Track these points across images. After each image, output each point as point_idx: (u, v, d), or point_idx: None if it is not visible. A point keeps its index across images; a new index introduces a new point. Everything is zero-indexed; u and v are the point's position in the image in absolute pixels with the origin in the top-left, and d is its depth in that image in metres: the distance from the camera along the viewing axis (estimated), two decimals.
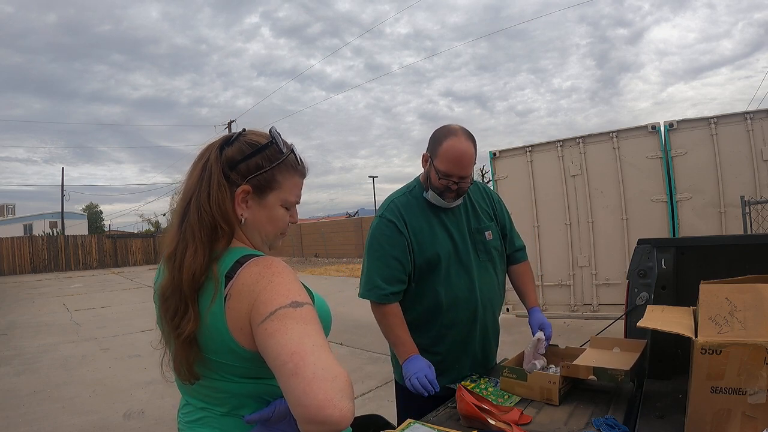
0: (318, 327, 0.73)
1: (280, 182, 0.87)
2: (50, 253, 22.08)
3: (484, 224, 1.61)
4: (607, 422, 1.14)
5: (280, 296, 0.74)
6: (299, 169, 0.91)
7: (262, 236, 0.90)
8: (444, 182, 1.46)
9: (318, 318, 0.75)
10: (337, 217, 28.71)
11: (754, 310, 0.95)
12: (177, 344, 0.79)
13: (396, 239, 1.51)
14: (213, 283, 0.78)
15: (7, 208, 36.59)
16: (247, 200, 0.86)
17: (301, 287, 0.78)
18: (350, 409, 0.66)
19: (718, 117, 4.51)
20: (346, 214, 29.75)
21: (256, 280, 0.76)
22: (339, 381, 0.66)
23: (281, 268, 0.79)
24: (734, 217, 4.35)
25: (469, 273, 1.54)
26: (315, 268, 15.71)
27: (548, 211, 5.39)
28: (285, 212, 0.91)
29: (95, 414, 3.61)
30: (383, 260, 1.51)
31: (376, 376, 4.23)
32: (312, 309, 0.75)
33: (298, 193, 0.92)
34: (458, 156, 1.43)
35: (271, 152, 0.87)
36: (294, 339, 0.69)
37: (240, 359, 0.78)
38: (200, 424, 0.85)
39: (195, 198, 0.84)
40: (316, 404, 0.64)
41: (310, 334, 0.70)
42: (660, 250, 1.60)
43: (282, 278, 0.77)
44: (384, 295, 1.50)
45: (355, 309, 7.70)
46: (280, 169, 0.87)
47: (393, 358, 1.66)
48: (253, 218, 0.87)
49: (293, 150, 0.89)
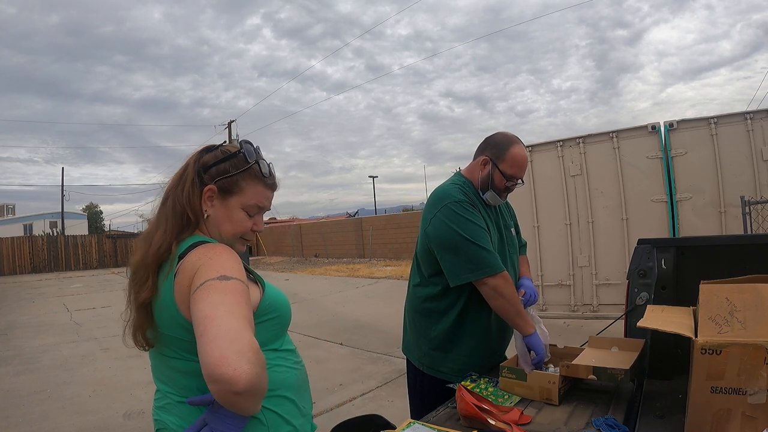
0: (239, 298, 0.80)
1: (242, 187, 1.00)
2: (50, 253, 22.07)
3: (509, 222, 1.79)
4: (607, 422, 1.14)
5: (212, 271, 0.83)
6: (264, 179, 1.02)
7: (221, 233, 1.00)
8: (509, 183, 1.63)
9: (244, 292, 0.82)
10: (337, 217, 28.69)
11: (754, 310, 0.96)
12: (134, 310, 0.91)
13: (481, 219, 1.57)
14: (170, 261, 0.91)
15: (7, 208, 36.59)
16: (213, 199, 0.99)
17: (236, 267, 0.87)
18: (247, 372, 0.69)
19: (718, 117, 4.51)
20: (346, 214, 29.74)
21: (198, 258, 0.88)
22: (238, 342, 0.71)
23: (222, 250, 0.90)
24: (734, 217, 4.34)
25: (506, 264, 1.64)
26: (315, 268, 15.70)
27: (548, 211, 5.39)
28: (245, 216, 1.01)
29: (95, 414, 3.61)
30: (483, 236, 1.53)
31: (376, 376, 4.23)
32: (240, 284, 0.83)
33: (260, 200, 1.02)
34: (524, 161, 1.63)
35: (238, 161, 1.00)
36: (210, 305, 0.77)
37: (187, 333, 0.84)
38: (165, 411, 0.93)
39: (173, 192, 0.99)
40: (213, 362, 0.68)
41: (225, 303, 0.77)
42: (660, 250, 1.60)
43: (220, 258, 0.87)
44: (498, 262, 1.52)
45: (355, 309, 7.70)
46: (244, 175, 0.99)
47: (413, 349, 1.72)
48: (216, 215, 1.00)
49: (258, 161, 1.01)
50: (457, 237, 1.51)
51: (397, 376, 4.15)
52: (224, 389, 0.68)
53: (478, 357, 1.61)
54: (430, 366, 1.65)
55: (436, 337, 1.63)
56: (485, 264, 1.49)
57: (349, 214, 29.74)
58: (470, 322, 1.60)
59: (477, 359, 1.60)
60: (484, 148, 1.66)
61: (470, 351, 1.60)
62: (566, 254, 5.26)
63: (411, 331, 1.74)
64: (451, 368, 1.60)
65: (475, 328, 1.60)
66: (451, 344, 1.61)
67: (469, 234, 1.50)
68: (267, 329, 0.97)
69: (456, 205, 1.54)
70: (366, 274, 12.85)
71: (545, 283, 5.38)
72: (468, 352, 1.60)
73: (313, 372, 4.59)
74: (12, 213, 36.42)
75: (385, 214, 24.87)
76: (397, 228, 17.22)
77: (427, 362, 1.65)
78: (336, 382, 4.12)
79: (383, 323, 6.37)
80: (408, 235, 16.38)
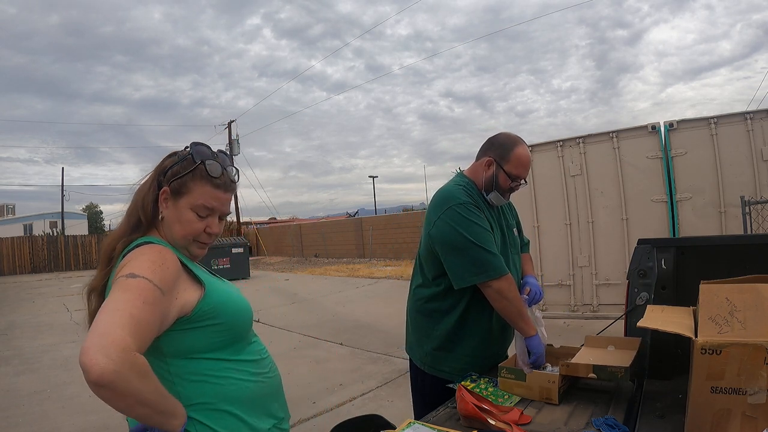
0: (135, 296, 0.82)
1: (190, 188, 1.01)
2: (50, 253, 22.06)
3: (512, 222, 1.79)
4: (607, 422, 1.14)
5: (126, 269, 0.87)
6: (213, 180, 1.02)
7: (173, 235, 1.02)
8: (513, 184, 1.63)
9: (145, 290, 0.83)
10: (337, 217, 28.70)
11: (754, 310, 0.96)
12: (86, 297, 0.98)
13: (485, 221, 1.57)
14: (116, 259, 0.96)
15: (7, 208, 36.58)
16: (167, 200, 1.01)
17: (153, 267, 0.88)
18: (101, 365, 0.71)
19: (718, 117, 4.50)
20: (346, 214, 29.74)
21: (128, 257, 0.92)
22: (105, 337, 0.74)
23: (151, 251, 0.93)
24: (734, 217, 4.34)
25: (508, 264, 1.64)
26: (315, 268, 15.70)
27: (548, 211, 5.39)
28: (194, 217, 1.01)
29: (95, 414, 3.60)
30: (488, 239, 1.52)
31: (376, 376, 4.23)
32: (145, 282, 0.84)
33: (208, 201, 1.02)
34: (528, 161, 1.64)
35: (187, 162, 1.02)
36: (107, 301, 0.82)
37: None
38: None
39: (135, 195, 1.04)
40: (81, 351, 0.73)
41: (118, 300, 0.81)
42: (660, 250, 1.60)
43: (142, 257, 0.90)
44: (503, 265, 1.51)
45: (355, 309, 7.70)
46: (192, 177, 1.01)
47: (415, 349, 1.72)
48: (168, 217, 1.02)
49: (205, 162, 1.01)
50: (461, 239, 1.50)
51: (397, 376, 4.15)
52: (88, 379, 0.72)
53: (479, 357, 1.61)
54: (431, 365, 1.65)
55: (438, 337, 1.63)
56: (490, 267, 1.49)
57: (349, 214, 29.74)
58: (472, 323, 1.60)
59: (478, 359, 1.60)
60: (488, 149, 1.66)
61: (472, 351, 1.60)
62: (566, 254, 5.26)
63: (413, 331, 1.74)
64: (453, 368, 1.60)
65: (476, 328, 1.60)
66: (452, 344, 1.61)
67: (474, 236, 1.50)
68: (207, 336, 0.96)
69: (461, 207, 1.54)
70: (366, 274, 12.85)
71: (545, 283, 5.37)
72: (470, 352, 1.60)
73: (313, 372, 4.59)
74: (12, 213, 36.42)
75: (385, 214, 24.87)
76: (397, 228, 17.21)
77: (428, 362, 1.66)
78: (336, 382, 4.12)
79: (383, 323, 6.37)
80: (408, 235, 16.37)
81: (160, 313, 0.86)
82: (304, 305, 8.37)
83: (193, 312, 0.93)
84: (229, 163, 1.09)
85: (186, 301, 0.93)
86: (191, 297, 0.95)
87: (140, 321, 0.80)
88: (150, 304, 0.83)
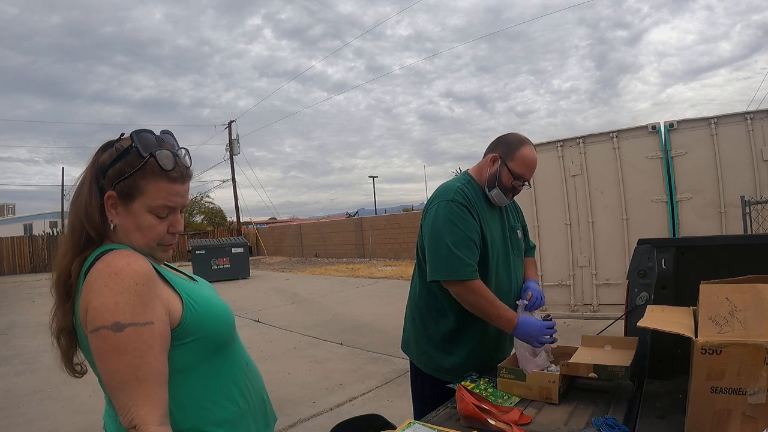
0: (133, 355, 0.76)
1: (142, 188, 0.85)
2: (50, 252, 22.02)
3: (516, 224, 1.79)
4: (607, 422, 1.14)
5: (105, 311, 0.75)
6: (167, 173, 0.86)
7: (133, 243, 0.87)
8: (516, 183, 1.62)
9: (139, 340, 0.76)
10: (337, 217, 28.68)
11: (754, 310, 0.95)
12: (56, 340, 0.85)
13: (470, 222, 1.55)
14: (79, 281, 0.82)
15: (7, 208, 36.60)
16: (117, 206, 0.85)
17: (130, 298, 0.77)
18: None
19: (718, 117, 4.50)
20: (346, 214, 29.73)
21: (94, 279, 0.78)
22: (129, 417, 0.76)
23: (119, 269, 0.78)
24: (734, 217, 4.34)
25: (508, 267, 1.66)
26: (315, 268, 15.69)
27: (548, 211, 5.38)
28: (154, 219, 0.87)
29: (95, 414, 3.60)
30: (463, 240, 1.52)
31: (376, 376, 4.23)
32: (135, 331, 0.76)
33: (167, 199, 0.87)
34: (533, 162, 1.62)
35: (133, 157, 0.84)
36: (108, 370, 0.77)
37: None
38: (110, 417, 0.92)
39: (72, 206, 0.87)
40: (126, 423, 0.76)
41: (118, 370, 0.76)
42: (660, 250, 1.60)
43: (115, 285, 0.77)
44: (473, 270, 1.51)
45: (355, 309, 7.70)
46: (142, 174, 0.84)
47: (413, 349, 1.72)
48: (122, 224, 0.86)
49: (154, 154, 0.85)
50: (437, 235, 1.54)
51: (397, 376, 4.15)
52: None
53: (476, 357, 1.61)
54: (428, 364, 1.65)
55: (435, 336, 1.63)
56: (466, 267, 1.49)
57: (349, 214, 29.73)
58: (470, 322, 1.60)
59: (475, 359, 1.60)
60: (495, 146, 1.67)
61: (469, 351, 1.60)
62: (566, 254, 5.26)
63: (411, 329, 1.74)
64: (450, 367, 1.60)
65: (474, 328, 1.60)
66: (450, 344, 1.62)
67: (450, 236, 1.51)
68: (191, 352, 0.86)
69: (449, 204, 1.55)
70: (366, 274, 12.85)
71: (545, 283, 5.37)
72: (467, 352, 1.60)
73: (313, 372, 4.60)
74: (12, 213, 36.44)
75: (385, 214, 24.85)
76: (397, 228, 17.21)
77: (425, 360, 1.66)
78: (336, 382, 4.12)
79: (383, 323, 6.37)
80: (408, 235, 16.37)
81: (161, 346, 0.79)
82: (304, 305, 8.37)
83: (179, 325, 0.84)
84: (177, 146, 0.92)
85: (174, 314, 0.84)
86: (176, 307, 0.85)
87: (149, 378, 0.76)
88: (149, 348, 0.77)
